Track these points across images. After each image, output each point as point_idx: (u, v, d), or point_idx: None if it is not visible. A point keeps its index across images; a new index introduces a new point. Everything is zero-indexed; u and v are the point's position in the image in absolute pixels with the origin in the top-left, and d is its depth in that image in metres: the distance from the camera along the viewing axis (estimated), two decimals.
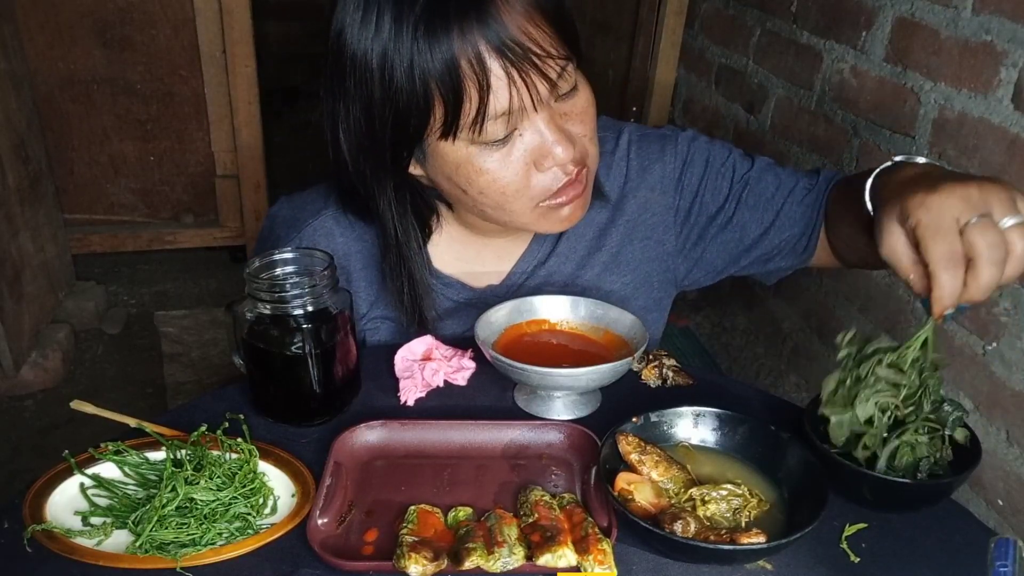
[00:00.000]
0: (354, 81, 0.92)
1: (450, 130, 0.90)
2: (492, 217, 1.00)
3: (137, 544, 0.76)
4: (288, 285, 0.90)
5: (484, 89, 0.87)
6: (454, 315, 1.14)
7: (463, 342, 1.08)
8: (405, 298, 1.07)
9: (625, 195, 1.13)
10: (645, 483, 0.81)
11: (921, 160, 0.92)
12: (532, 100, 0.89)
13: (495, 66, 0.86)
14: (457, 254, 1.13)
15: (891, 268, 0.78)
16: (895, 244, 0.76)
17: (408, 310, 1.08)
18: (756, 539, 0.73)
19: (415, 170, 1.01)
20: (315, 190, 1.13)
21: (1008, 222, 0.72)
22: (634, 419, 0.87)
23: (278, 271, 0.96)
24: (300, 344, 0.91)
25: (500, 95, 0.88)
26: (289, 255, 0.96)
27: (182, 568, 0.74)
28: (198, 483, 0.81)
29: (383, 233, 1.05)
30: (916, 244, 0.74)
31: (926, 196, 0.74)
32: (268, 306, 0.91)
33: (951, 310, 0.74)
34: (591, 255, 1.14)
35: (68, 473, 0.84)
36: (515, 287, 1.14)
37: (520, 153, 0.93)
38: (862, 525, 0.82)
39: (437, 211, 1.09)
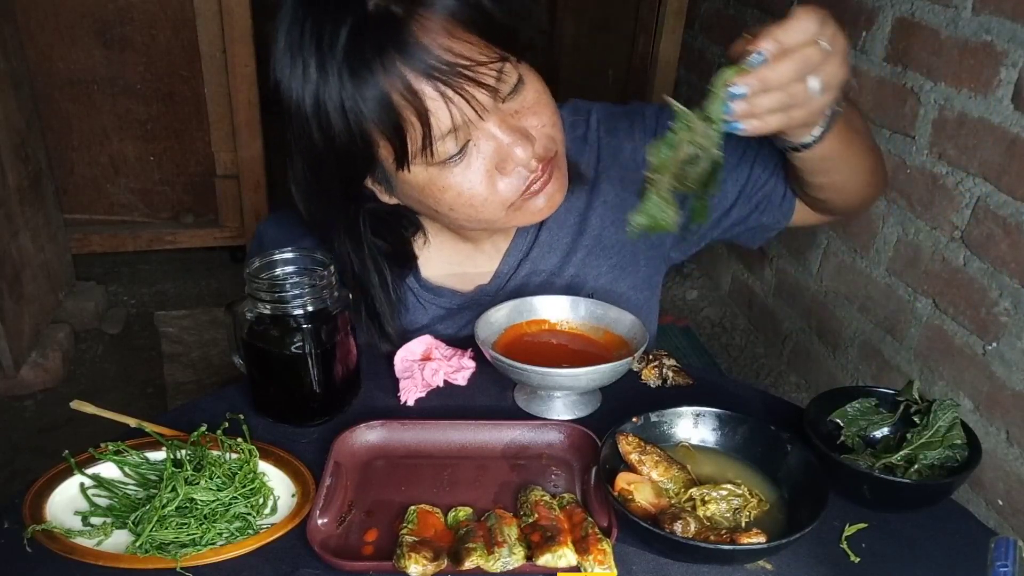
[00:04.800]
0: (294, 131, 0.93)
1: (403, 161, 0.91)
2: (469, 227, 1.00)
3: (137, 544, 0.76)
4: (288, 285, 0.90)
5: (423, 115, 0.86)
6: (447, 320, 1.14)
7: (463, 342, 1.08)
8: (364, 321, 1.06)
9: (599, 176, 1.12)
10: (645, 483, 0.81)
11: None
12: (475, 111, 0.88)
13: (427, 89, 0.86)
14: (448, 258, 1.13)
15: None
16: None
17: (366, 330, 1.07)
18: (756, 539, 0.73)
19: (390, 200, 1.01)
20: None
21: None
22: (634, 419, 0.87)
23: (278, 271, 0.96)
24: (300, 344, 0.91)
25: (440, 116, 0.87)
26: (289, 255, 0.96)
27: (182, 568, 0.74)
28: (198, 483, 0.81)
29: (342, 271, 1.04)
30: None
31: None
32: (268, 306, 0.91)
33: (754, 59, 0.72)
34: (574, 241, 1.13)
35: (68, 473, 0.84)
36: (504, 283, 1.13)
37: (480, 163, 0.92)
38: (862, 525, 0.82)
39: (421, 228, 1.10)
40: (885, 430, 0.91)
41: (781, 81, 0.73)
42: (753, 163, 1.09)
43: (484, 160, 0.92)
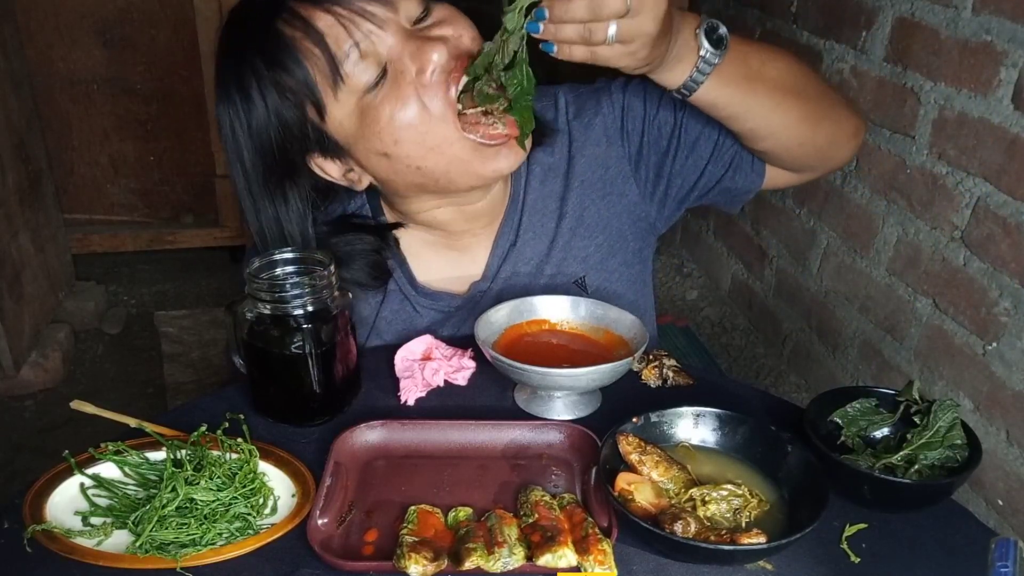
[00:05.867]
0: (235, 160, 0.98)
1: (319, 102, 0.93)
2: (434, 170, 0.97)
3: (137, 544, 0.76)
4: (288, 285, 0.90)
5: (320, 40, 0.90)
6: (445, 323, 1.14)
7: (463, 342, 1.08)
8: None
9: (574, 156, 1.12)
10: (645, 483, 0.81)
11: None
12: (373, 24, 0.90)
13: (319, 14, 0.90)
14: (442, 260, 1.13)
15: None
16: None
17: None
18: (756, 539, 0.73)
19: (363, 183, 1.02)
20: None
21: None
22: (634, 419, 0.87)
23: (278, 271, 0.96)
24: (300, 344, 0.91)
25: (338, 36, 0.90)
26: (289, 255, 0.96)
27: (182, 568, 0.74)
28: (198, 483, 0.81)
29: None
30: None
31: None
32: (268, 306, 0.91)
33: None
34: (557, 226, 1.13)
35: (68, 473, 0.84)
36: (494, 275, 1.13)
37: (402, 83, 0.92)
38: (862, 525, 0.82)
39: (394, 242, 1.11)
40: (885, 430, 0.91)
41: (573, 18, 0.77)
42: (720, 125, 1.07)
43: (404, 77, 0.92)
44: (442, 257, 1.13)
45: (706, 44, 0.88)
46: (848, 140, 1.06)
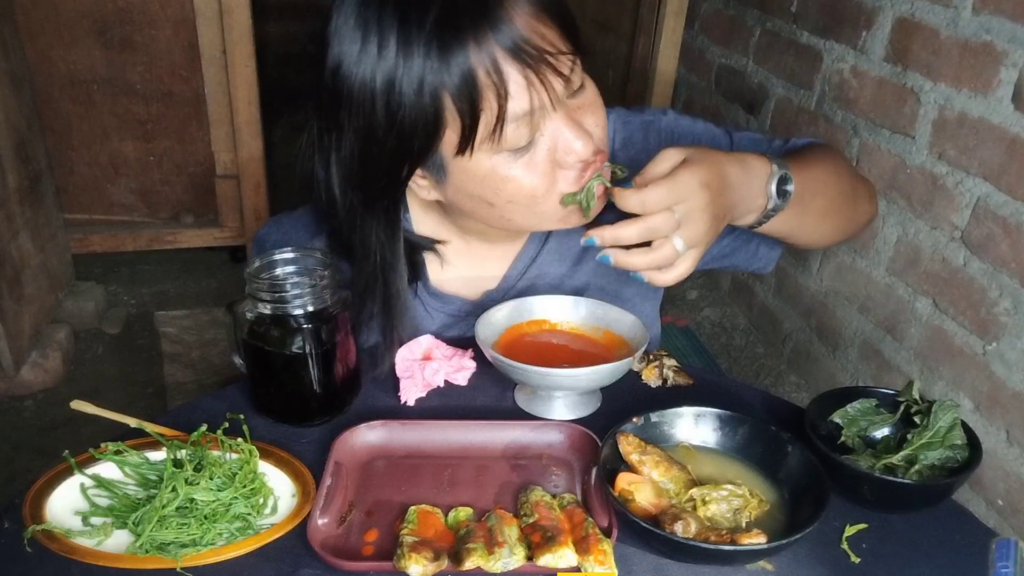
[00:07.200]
0: (350, 112, 0.90)
1: (468, 143, 0.89)
2: (519, 223, 0.98)
3: (137, 544, 0.76)
4: (288, 285, 0.90)
5: (503, 96, 0.85)
6: (453, 327, 1.14)
7: (463, 342, 1.08)
8: (376, 320, 1.04)
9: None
10: (646, 483, 0.81)
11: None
12: (551, 99, 0.88)
13: (512, 71, 0.85)
14: (460, 264, 1.13)
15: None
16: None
17: (379, 330, 1.05)
18: (756, 540, 0.73)
19: (430, 195, 0.99)
20: (305, 211, 1.12)
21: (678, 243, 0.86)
22: (634, 419, 0.87)
23: (278, 271, 0.96)
24: (300, 344, 0.91)
25: (519, 99, 0.86)
26: (289, 255, 0.96)
27: (182, 568, 0.74)
28: (198, 483, 0.81)
29: (363, 263, 1.02)
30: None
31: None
32: (268, 306, 0.91)
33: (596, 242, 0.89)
34: (585, 249, 1.12)
35: (68, 473, 0.84)
36: (511, 287, 1.13)
37: (544, 154, 0.91)
38: (862, 525, 0.82)
39: (433, 248, 1.09)
40: (886, 430, 0.91)
41: (629, 239, 0.86)
42: None
43: (548, 152, 0.91)
44: (460, 261, 1.13)
45: (775, 197, 0.93)
46: (863, 228, 1.18)
